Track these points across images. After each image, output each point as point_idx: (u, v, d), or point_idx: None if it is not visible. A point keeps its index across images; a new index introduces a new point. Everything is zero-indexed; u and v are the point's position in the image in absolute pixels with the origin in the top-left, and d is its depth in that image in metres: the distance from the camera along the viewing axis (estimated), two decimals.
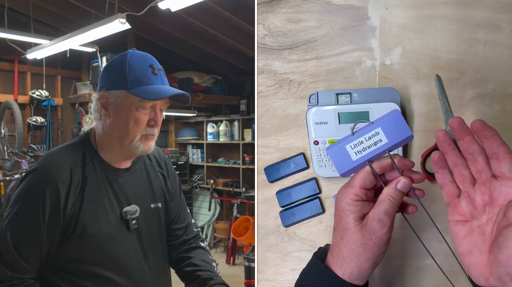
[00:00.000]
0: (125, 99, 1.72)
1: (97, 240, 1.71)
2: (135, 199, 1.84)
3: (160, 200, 1.95)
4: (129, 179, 1.86)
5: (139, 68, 1.73)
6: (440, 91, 1.17)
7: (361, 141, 0.95)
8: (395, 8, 1.20)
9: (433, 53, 1.18)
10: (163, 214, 1.96)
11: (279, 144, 1.27)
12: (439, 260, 1.18)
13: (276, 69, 1.27)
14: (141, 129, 1.73)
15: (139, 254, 1.82)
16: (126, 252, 1.78)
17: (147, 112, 1.73)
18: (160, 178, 1.99)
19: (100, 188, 1.76)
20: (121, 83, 1.72)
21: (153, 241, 1.89)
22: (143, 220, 1.84)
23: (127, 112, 1.72)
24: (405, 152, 1.19)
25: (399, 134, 0.93)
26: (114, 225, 1.75)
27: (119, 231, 1.76)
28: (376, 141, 0.94)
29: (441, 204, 1.19)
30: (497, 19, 1.14)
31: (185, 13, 5.79)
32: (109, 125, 1.77)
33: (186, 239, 2.05)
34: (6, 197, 6.15)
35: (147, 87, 1.70)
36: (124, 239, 1.78)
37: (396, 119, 0.93)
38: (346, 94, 1.19)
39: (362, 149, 0.95)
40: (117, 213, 1.77)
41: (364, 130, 0.96)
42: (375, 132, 0.94)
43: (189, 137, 9.79)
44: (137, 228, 1.82)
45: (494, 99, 1.15)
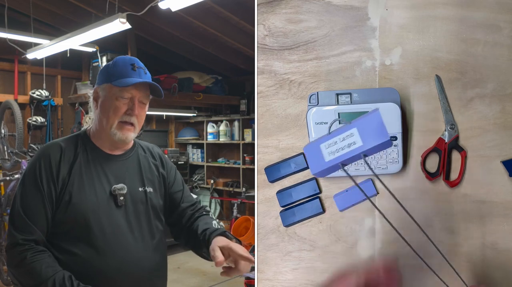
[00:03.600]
0: (109, 90, 2.00)
1: (82, 209, 1.90)
2: (124, 180, 2.04)
3: (150, 186, 2.12)
4: (120, 163, 2.09)
5: (122, 66, 2.03)
6: (440, 91, 1.18)
7: (335, 142, 0.90)
8: (395, 8, 1.21)
9: (433, 53, 1.19)
10: (155, 199, 2.12)
11: (279, 144, 1.28)
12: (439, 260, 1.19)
13: (277, 70, 1.27)
14: (118, 116, 1.98)
15: (124, 227, 1.98)
16: (111, 224, 1.95)
17: (126, 102, 1.99)
18: (152, 167, 2.18)
19: (89, 165, 2.00)
20: (107, 78, 2.02)
21: (139, 219, 2.04)
22: (130, 200, 2.02)
23: (109, 101, 1.99)
24: (405, 152, 1.19)
25: (376, 138, 0.85)
26: (101, 199, 1.95)
27: (106, 205, 1.96)
28: (350, 142, 0.88)
29: (441, 204, 1.19)
30: (497, 19, 1.15)
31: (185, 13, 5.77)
32: (97, 115, 2.05)
33: (192, 213, 2.21)
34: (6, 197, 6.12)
35: (125, 79, 1.98)
36: (111, 213, 1.96)
37: (374, 120, 0.86)
38: (346, 94, 1.19)
39: (336, 150, 0.89)
40: (106, 190, 1.99)
41: (340, 129, 0.90)
42: (349, 133, 0.88)
43: (189, 137, 9.76)
44: (124, 205, 2.00)
45: (494, 99, 1.16)
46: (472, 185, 1.18)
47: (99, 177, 1.99)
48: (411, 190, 1.21)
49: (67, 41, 5.43)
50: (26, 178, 1.94)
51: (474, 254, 1.18)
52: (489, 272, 1.17)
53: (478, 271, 1.18)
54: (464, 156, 1.17)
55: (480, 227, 1.17)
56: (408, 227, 1.22)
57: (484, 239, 1.17)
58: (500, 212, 1.16)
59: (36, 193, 1.89)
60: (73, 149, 2.00)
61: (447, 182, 1.18)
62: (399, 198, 1.22)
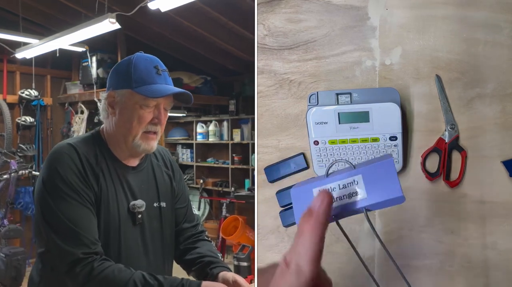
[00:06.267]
0: (130, 97, 1.79)
1: (106, 227, 1.75)
2: (141, 195, 1.88)
3: (165, 200, 1.97)
4: (136, 176, 1.90)
5: (144, 68, 1.82)
6: (440, 91, 1.18)
7: (333, 188, 0.74)
8: (395, 8, 1.21)
9: (433, 53, 1.19)
10: (168, 214, 1.99)
11: (279, 144, 1.27)
12: (439, 260, 1.19)
13: (276, 69, 1.27)
14: (143, 126, 1.79)
15: (140, 249, 1.85)
16: (128, 245, 1.81)
17: (151, 110, 1.80)
18: (165, 178, 2.02)
19: (111, 178, 1.81)
20: (126, 82, 1.80)
21: (154, 239, 1.92)
22: (146, 218, 1.88)
23: (131, 110, 1.78)
24: (405, 152, 1.19)
25: (385, 192, 0.69)
26: (122, 217, 1.80)
27: (124, 224, 1.80)
28: (352, 192, 0.72)
29: (441, 204, 1.20)
30: (497, 19, 1.15)
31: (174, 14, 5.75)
32: (115, 123, 1.84)
33: (193, 234, 2.10)
34: None
35: (151, 86, 1.78)
36: (128, 232, 1.82)
37: (386, 169, 0.70)
38: (346, 94, 1.19)
39: (333, 199, 0.72)
40: (124, 206, 1.82)
41: (342, 174, 0.74)
42: (353, 180, 0.72)
43: (178, 137, 9.74)
44: (141, 224, 1.86)
45: (494, 99, 1.16)
46: (472, 185, 1.18)
47: (119, 191, 1.81)
48: (411, 190, 1.21)
49: (56, 40, 5.39)
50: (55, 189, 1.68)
51: (474, 254, 1.18)
52: (489, 272, 1.17)
53: (478, 271, 1.18)
54: (464, 156, 1.17)
55: (480, 227, 1.17)
56: (408, 227, 1.22)
57: (484, 239, 1.17)
58: (500, 212, 1.16)
59: (74, 198, 1.68)
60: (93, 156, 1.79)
61: (447, 182, 1.18)
62: None
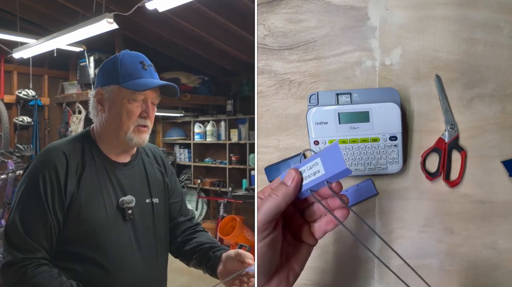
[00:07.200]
0: (118, 93, 1.82)
1: (91, 225, 1.75)
2: (132, 191, 1.89)
3: (157, 196, 1.99)
4: (127, 173, 1.92)
5: (130, 64, 1.84)
6: (440, 91, 1.18)
7: (303, 170, 0.98)
8: (395, 8, 1.21)
9: (433, 53, 1.19)
10: (161, 210, 2.00)
11: (279, 144, 1.27)
12: (439, 260, 1.19)
13: (277, 69, 1.27)
14: (133, 120, 1.82)
15: (133, 245, 1.85)
16: (119, 241, 1.81)
17: (139, 104, 1.82)
18: (157, 174, 2.04)
19: (97, 176, 1.82)
20: (114, 78, 1.83)
21: (147, 235, 1.91)
22: (138, 213, 1.88)
23: (120, 105, 1.81)
24: (405, 152, 1.19)
25: (335, 167, 0.92)
26: (109, 213, 1.80)
27: (114, 220, 1.81)
28: (315, 171, 0.96)
29: (441, 204, 1.20)
30: (497, 19, 1.15)
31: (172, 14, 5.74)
32: (105, 120, 1.86)
33: (190, 226, 2.12)
34: None
35: (138, 81, 1.81)
36: (119, 228, 1.82)
37: (333, 151, 0.93)
38: (346, 94, 1.19)
39: (305, 177, 0.97)
40: (113, 202, 1.82)
41: (309, 159, 0.98)
42: (315, 162, 0.96)
43: (176, 137, 9.74)
44: (132, 219, 1.86)
45: (494, 99, 1.16)
46: (472, 185, 1.18)
47: (106, 188, 1.82)
48: (411, 190, 1.21)
49: (54, 40, 5.38)
50: (26, 192, 1.73)
51: (474, 254, 1.18)
52: (489, 272, 1.18)
53: (478, 271, 1.18)
54: (464, 156, 1.17)
55: (480, 227, 1.18)
56: (408, 227, 1.22)
57: (484, 239, 1.18)
58: (500, 212, 1.17)
59: (40, 210, 1.69)
60: (79, 156, 1.81)
61: (447, 182, 1.18)
62: (399, 198, 1.23)
